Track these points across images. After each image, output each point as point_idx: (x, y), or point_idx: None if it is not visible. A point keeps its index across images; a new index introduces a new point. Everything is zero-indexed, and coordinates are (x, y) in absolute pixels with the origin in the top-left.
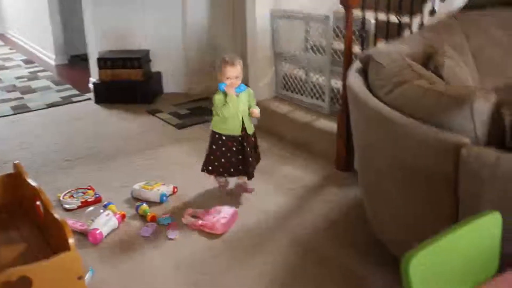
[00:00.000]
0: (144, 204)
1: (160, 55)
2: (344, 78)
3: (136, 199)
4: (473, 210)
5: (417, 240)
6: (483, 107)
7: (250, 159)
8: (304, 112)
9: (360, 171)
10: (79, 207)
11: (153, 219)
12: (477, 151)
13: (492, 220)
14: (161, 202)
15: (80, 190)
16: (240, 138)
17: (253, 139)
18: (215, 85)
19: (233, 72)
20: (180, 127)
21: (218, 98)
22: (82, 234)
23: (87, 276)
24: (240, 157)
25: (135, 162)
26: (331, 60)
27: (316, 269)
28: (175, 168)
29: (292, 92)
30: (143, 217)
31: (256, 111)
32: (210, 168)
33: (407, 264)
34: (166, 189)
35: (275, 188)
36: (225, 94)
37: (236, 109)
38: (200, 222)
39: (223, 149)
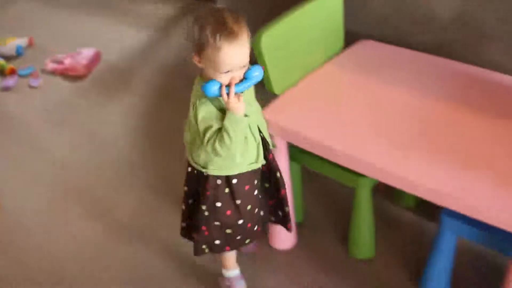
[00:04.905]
0: None
1: None
2: None
3: None
4: None
5: None
6: None
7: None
8: None
9: None
10: None
11: (13, 71)
12: None
13: None
14: (18, 55)
15: None
16: (263, 169)
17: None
18: None
19: (240, 56)
20: None
21: (204, 116)
22: None
23: None
24: (268, 197)
25: None
26: None
27: (183, 84)
28: (29, 20)
29: None
30: (1, 72)
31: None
32: (217, 242)
33: (259, 40)
34: (21, 41)
35: (135, 24)
36: (219, 105)
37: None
38: (62, 66)
39: (238, 202)
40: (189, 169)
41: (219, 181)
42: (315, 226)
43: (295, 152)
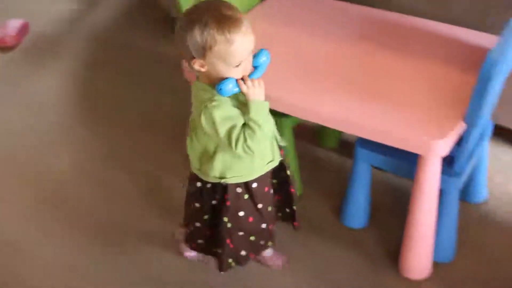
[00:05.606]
0: None
1: None
2: None
3: None
4: None
5: None
6: None
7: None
8: None
9: None
10: None
11: None
12: None
13: None
14: None
15: None
16: (277, 166)
17: None
18: None
19: (250, 42)
20: None
21: (222, 117)
22: None
23: None
24: (274, 192)
25: None
26: None
27: (113, 53)
28: None
29: None
30: None
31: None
32: (242, 253)
33: None
34: None
35: None
36: (233, 103)
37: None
38: None
39: (260, 206)
40: (199, 184)
41: (239, 189)
42: None
43: None
